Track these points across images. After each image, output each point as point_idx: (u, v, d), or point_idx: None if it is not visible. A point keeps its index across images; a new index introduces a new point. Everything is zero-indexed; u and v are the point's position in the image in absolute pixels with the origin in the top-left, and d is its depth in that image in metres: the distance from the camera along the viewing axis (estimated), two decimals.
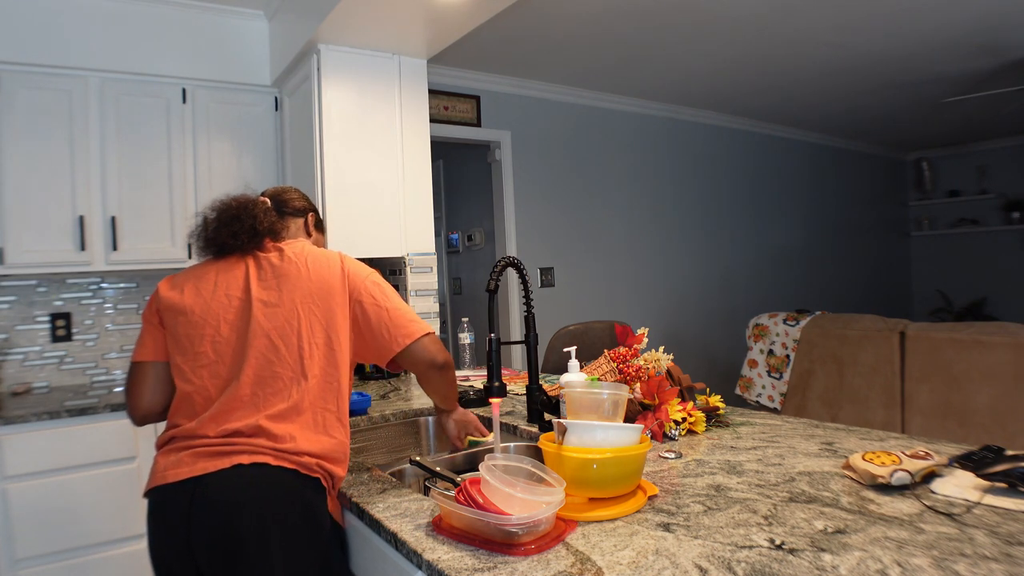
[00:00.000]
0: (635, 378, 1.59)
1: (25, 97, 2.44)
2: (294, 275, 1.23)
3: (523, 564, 0.84)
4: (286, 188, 1.49)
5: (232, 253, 1.26)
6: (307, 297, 1.21)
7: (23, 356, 2.71)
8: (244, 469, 1.06)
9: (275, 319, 1.18)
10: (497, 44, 3.47)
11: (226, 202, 1.30)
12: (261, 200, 1.36)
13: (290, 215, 1.42)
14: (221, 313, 1.20)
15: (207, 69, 2.79)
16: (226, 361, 1.17)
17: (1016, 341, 2.88)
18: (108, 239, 2.58)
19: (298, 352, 1.16)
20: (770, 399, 3.89)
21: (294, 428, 1.12)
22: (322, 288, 1.22)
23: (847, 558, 0.81)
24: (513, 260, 1.56)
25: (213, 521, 1.03)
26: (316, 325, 1.19)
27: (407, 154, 2.73)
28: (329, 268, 1.25)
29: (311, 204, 1.49)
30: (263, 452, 1.08)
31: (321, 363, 1.18)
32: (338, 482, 1.19)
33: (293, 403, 1.13)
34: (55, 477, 2.15)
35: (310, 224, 1.46)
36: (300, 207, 1.45)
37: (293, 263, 1.24)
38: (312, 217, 1.47)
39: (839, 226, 6.54)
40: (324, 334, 1.20)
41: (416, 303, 2.76)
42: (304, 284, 1.22)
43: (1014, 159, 6.69)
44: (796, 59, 3.96)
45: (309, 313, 1.20)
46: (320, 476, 1.13)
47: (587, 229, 4.50)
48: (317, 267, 1.25)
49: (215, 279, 1.24)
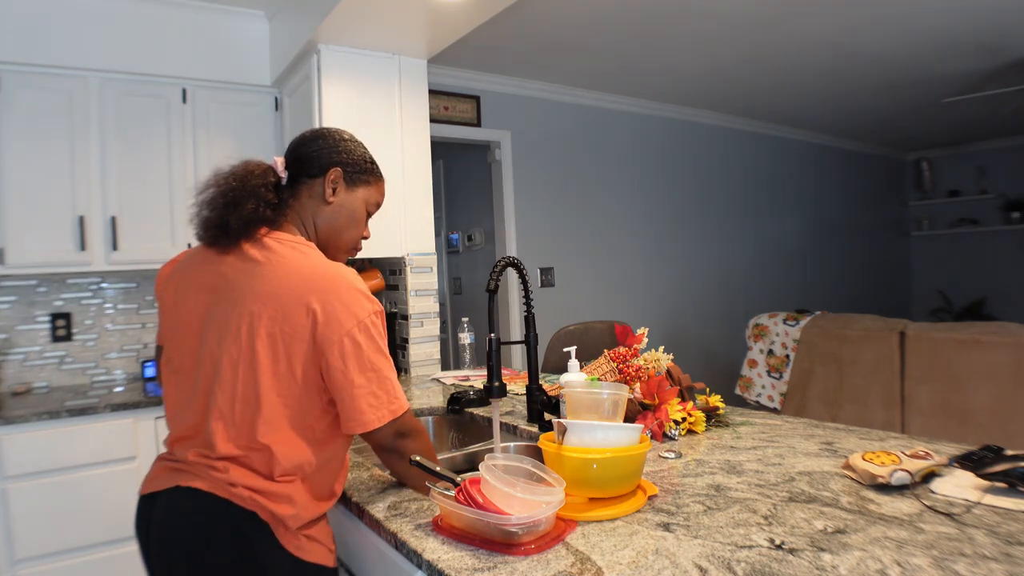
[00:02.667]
0: (635, 378, 1.59)
1: (25, 97, 2.44)
2: (260, 285, 1.01)
3: (523, 564, 0.84)
4: (314, 136, 1.18)
5: (217, 245, 1.08)
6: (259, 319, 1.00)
7: (23, 356, 2.71)
8: (181, 492, 0.99)
9: (226, 334, 1.01)
10: (497, 44, 3.47)
11: (225, 178, 1.10)
12: (266, 172, 1.13)
13: (305, 179, 1.15)
14: (190, 319, 1.07)
15: (207, 69, 2.79)
16: (188, 371, 1.06)
17: (1016, 341, 2.88)
18: (108, 239, 2.58)
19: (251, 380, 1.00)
20: (770, 399, 3.89)
21: (232, 458, 1.00)
22: (282, 309, 0.99)
23: (847, 558, 0.81)
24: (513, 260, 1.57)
25: (157, 544, 1.01)
26: (252, 355, 0.99)
27: (407, 154, 2.73)
28: (296, 293, 0.99)
29: (345, 152, 1.17)
30: (200, 477, 0.99)
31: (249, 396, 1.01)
32: (294, 521, 1.00)
33: (233, 431, 1.00)
34: (55, 477, 2.16)
35: (328, 184, 1.14)
36: (322, 163, 1.15)
37: (271, 270, 1.02)
38: (335, 173, 1.15)
39: (839, 226, 6.54)
40: (252, 368, 0.99)
41: (416, 303, 2.76)
42: (259, 299, 1.00)
43: (1014, 159, 6.69)
44: (796, 59, 3.96)
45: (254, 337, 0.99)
46: (257, 511, 0.98)
47: (587, 229, 4.50)
48: (288, 281, 1.01)
49: (196, 275, 1.09)
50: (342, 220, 1.17)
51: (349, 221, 1.18)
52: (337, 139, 1.19)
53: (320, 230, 1.17)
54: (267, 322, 0.99)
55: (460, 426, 1.93)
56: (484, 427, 1.83)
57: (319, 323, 0.98)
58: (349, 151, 1.18)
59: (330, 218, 1.16)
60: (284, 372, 0.99)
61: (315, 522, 1.06)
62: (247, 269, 1.04)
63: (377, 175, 1.23)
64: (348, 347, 0.99)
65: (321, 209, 1.16)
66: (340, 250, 1.20)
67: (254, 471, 0.99)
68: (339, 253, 1.21)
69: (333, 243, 1.18)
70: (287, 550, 1.00)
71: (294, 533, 1.01)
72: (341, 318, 0.99)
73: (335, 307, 0.99)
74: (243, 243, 1.06)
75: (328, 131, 1.20)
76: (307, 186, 1.15)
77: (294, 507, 1.00)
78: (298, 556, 1.01)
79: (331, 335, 0.99)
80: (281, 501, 0.99)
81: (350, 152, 1.18)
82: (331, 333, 0.99)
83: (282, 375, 0.99)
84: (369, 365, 1.01)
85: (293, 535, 1.01)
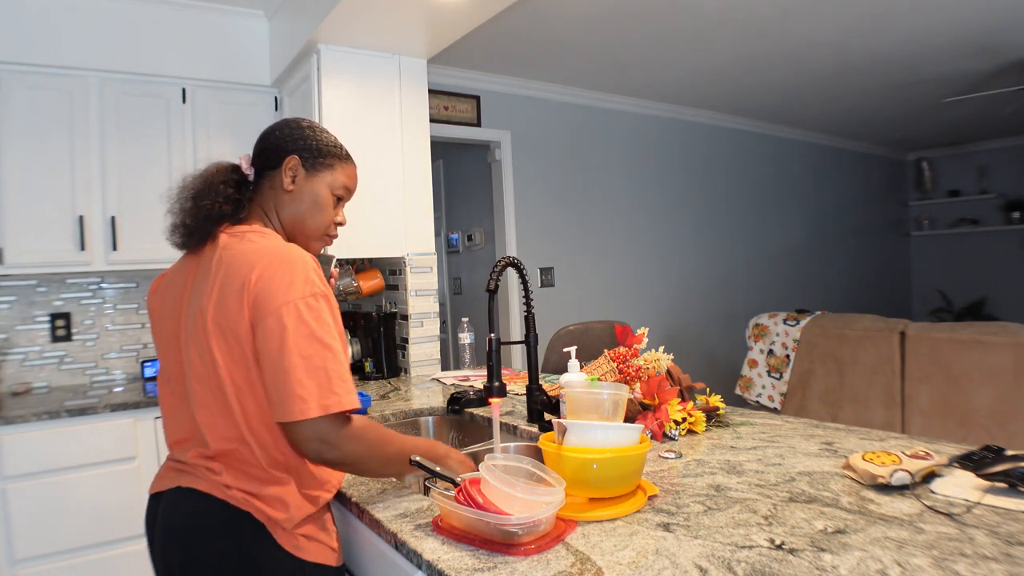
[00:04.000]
0: (635, 378, 1.59)
1: (25, 97, 2.44)
2: (209, 280, 1.01)
3: (523, 564, 0.84)
4: (272, 128, 1.17)
5: (186, 247, 1.10)
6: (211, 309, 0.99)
7: (23, 356, 2.71)
8: (182, 493, 1.01)
9: (191, 333, 1.02)
10: (497, 44, 3.47)
11: (192, 182, 1.11)
12: (228, 170, 1.14)
13: (267, 171, 1.14)
14: (172, 326, 1.08)
15: (207, 69, 2.79)
16: (176, 378, 1.07)
17: (1016, 341, 2.88)
18: (108, 239, 2.58)
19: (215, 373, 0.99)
20: (770, 399, 3.89)
21: (223, 456, 1.00)
22: (222, 298, 0.98)
23: (847, 558, 0.81)
24: (513, 260, 1.56)
25: (160, 544, 1.04)
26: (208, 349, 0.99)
27: (407, 154, 2.73)
28: (237, 276, 0.98)
29: (302, 139, 1.15)
30: (199, 478, 1.00)
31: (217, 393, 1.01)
32: (289, 523, 1.00)
33: (218, 428, 1.00)
34: (55, 477, 2.15)
35: (287, 172, 1.13)
36: (280, 152, 1.14)
37: (218, 263, 1.02)
38: (292, 161, 1.13)
39: (839, 226, 6.54)
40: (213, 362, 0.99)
41: (416, 303, 2.76)
42: (207, 293, 1.00)
43: (1014, 159, 6.69)
44: (796, 59, 3.96)
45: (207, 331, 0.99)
46: (252, 512, 0.98)
47: (587, 229, 4.50)
48: (228, 270, 1.00)
49: (176, 284, 1.10)
50: (305, 207, 1.15)
51: (312, 207, 1.16)
52: (295, 127, 1.16)
53: (284, 220, 1.15)
54: (212, 312, 0.98)
55: (460, 426, 1.93)
56: (484, 427, 1.83)
57: (250, 303, 0.95)
58: (306, 138, 1.15)
59: (291, 206, 1.14)
60: (239, 358, 0.97)
61: (313, 520, 1.05)
62: (204, 266, 1.05)
63: (340, 158, 1.18)
64: (273, 325, 0.93)
65: (282, 198, 1.14)
66: (310, 238, 1.18)
67: (246, 471, 0.99)
68: (310, 241, 1.18)
69: (300, 231, 1.16)
70: (285, 550, 1.00)
71: (290, 533, 1.01)
72: (273, 293, 0.94)
73: (267, 284, 0.95)
74: (207, 242, 1.07)
75: (288, 121, 1.18)
76: (268, 178, 1.14)
77: (287, 510, 1.00)
78: (297, 556, 1.01)
79: (261, 310, 0.94)
80: (275, 504, 0.99)
81: (307, 139, 1.15)
82: (261, 308, 0.94)
83: (239, 361, 0.97)
84: (297, 349, 0.92)
85: (290, 535, 1.01)
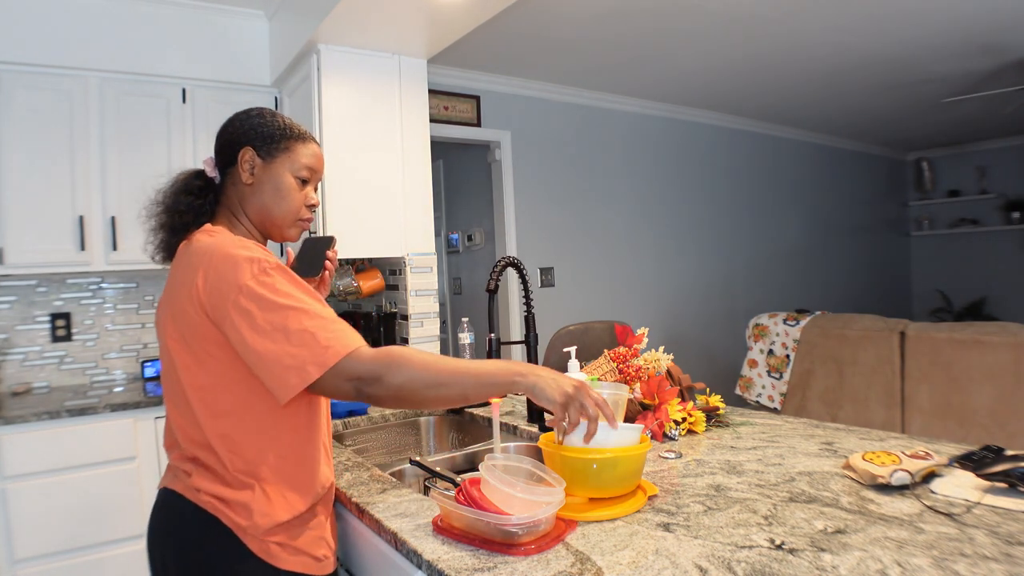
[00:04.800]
0: (635, 378, 1.59)
1: (25, 97, 2.44)
2: (167, 287, 1.04)
3: (523, 564, 0.84)
4: (223, 126, 1.15)
5: (165, 263, 1.12)
6: (169, 313, 1.02)
7: (23, 356, 2.71)
8: (166, 493, 1.05)
9: (160, 339, 1.05)
10: (497, 44, 3.47)
11: (160, 199, 1.11)
12: (189, 177, 1.14)
13: (228, 168, 1.12)
14: (158, 330, 1.09)
15: (207, 69, 2.79)
16: (166, 380, 1.08)
17: (1016, 341, 2.88)
18: (108, 239, 2.58)
19: (172, 378, 1.02)
20: (770, 399, 3.89)
21: (195, 458, 1.02)
22: (176, 302, 1.00)
23: (847, 558, 0.81)
24: (513, 260, 1.56)
25: (147, 541, 1.09)
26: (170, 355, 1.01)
27: (407, 154, 2.73)
28: (186, 281, 0.98)
29: (252, 128, 1.11)
30: (178, 479, 1.04)
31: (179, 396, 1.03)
32: (254, 530, 0.97)
33: (189, 430, 1.02)
34: (55, 477, 2.15)
35: (243, 166, 1.10)
36: (235, 146, 1.11)
37: (173, 268, 1.05)
38: (247, 153, 1.09)
39: (839, 226, 6.54)
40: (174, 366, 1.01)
41: (416, 303, 2.76)
42: (166, 300, 1.03)
43: (1014, 159, 6.69)
44: (796, 59, 3.95)
45: (166, 335, 1.02)
46: (220, 517, 0.98)
47: (587, 229, 4.50)
48: (181, 274, 1.01)
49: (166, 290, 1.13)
50: (267, 196, 1.11)
51: (275, 195, 1.11)
52: (244, 118, 1.13)
53: (250, 214, 1.13)
54: (170, 317, 1.00)
55: (460, 426, 1.93)
56: (484, 427, 1.83)
57: (205, 304, 0.95)
58: (256, 126, 1.11)
59: (255, 199, 1.11)
60: (202, 358, 0.97)
61: (287, 529, 1.01)
62: (168, 276, 1.07)
63: (295, 138, 1.13)
64: (237, 319, 0.93)
65: (244, 193, 1.12)
66: (281, 227, 1.14)
67: (214, 473, 1.00)
68: (283, 230, 1.15)
69: (269, 221, 1.13)
70: (257, 556, 0.98)
71: (260, 540, 0.98)
72: (222, 290, 0.94)
73: (213, 282, 0.95)
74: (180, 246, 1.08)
75: (238, 114, 1.15)
76: (229, 175, 1.12)
77: (250, 517, 0.97)
78: (269, 563, 0.98)
79: (220, 313, 0.94)
80: (238, 510, 0.98)
81: (257, 127, 1.11)
82: (219, 311, 0.94)
83: (201, 362, 0.98)
84: (269, 326, 0.92)
85: (259, 541, 0.98)
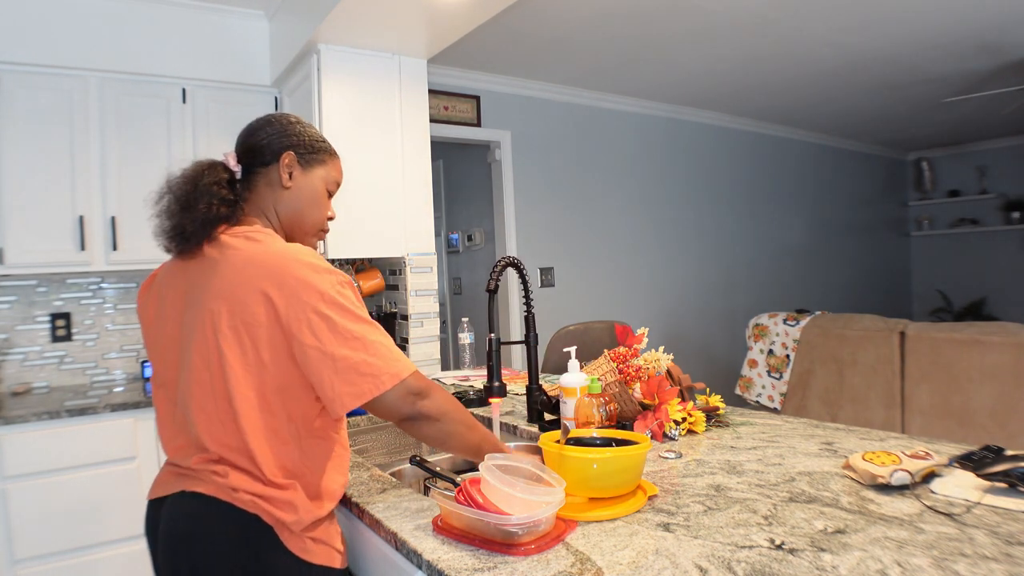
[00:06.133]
0: (635, 378, 1.59)
1: (25, 97, 2.44)
2: (217, 282, 1.00)
3: (523, 564, 0.84)
4: (261, 124, 1.15)
5: (181, 252, 1.07)
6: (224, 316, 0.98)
7: (23, 356, 2.71)
8: (186, 497, 0.99)
9: (194, 337, 1.01)
10: (497, 44, 3.47)
11: (178, 184, 1.08)
12: (217, 168, 1.11)
13: (259, 168, 1.13)
14: (170, 331, 1.07)
15: (207, 69, 2.79)
16: (172, 383, 1.06)
17: (1016, 341, 2.88)
18: (108, 239, 2.58)
19: (222, 378, 0.98)
20: (770, 399, 3.89)
21: (227, 460, 0.99)
22: (238, 304, 0.97)
23: (847, 558, 0.81)
24: (513, 260, 1.56)
25: (163, 549, 1.01)
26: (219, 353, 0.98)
27: (407, 154, 2.73)
28: (254, 284, 0.97)
29: (295, 134, 1.14)
30: (203, 481, 0.99)
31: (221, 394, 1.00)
32: (297, 526, 0.99)
33: (218, 432, 0.99)
34: (55, 477, 2.15)
35: (284, 169, 1.12)
36: (274, 148, 1.12)
37: (228, 266, 1.01)
38: (289, 157, 1.12)
39: (839, 226, 6.54)
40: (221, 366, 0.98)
41: (416, 303, 2.76)
42: (218, 297, 0.99)
43: (1014, 159, 6.69)
44: (796, 59, 3.95)
45: (217, 334, 0.98)
46: (261, 515, 0.98)
47: (587, 229, 4.50)
48: (240, 276, 0.99)
49: (170, 287, 1.09)
50: (303, 203, 1.15)
51: (311, 203, 1.16)
52: (285, 123, 1.16)
53: (283, 216, 1.15)
54: (227, 316, 0.98)
55: None
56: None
57: (279, 307, 0.95)
58: (299, 133, 1.15)
59: (291, 203, 1.14)
60: (254, 364, 0.97)
61: (320, 523, 1.04)
62: (206, 269, 1.03)
63: (331, 153, 1.20)
64: (317, 322, 0.95)
65: (280, 195, 1.14)
66: (307, 233, 1.18)
67: (250, 474, 0.98)
68: (306, 237, 1.18)
69: (298, 227, 1.17)
70: (293, 553, 0.99)
71: (299, 536, 1.00)
72: (302, 295, 0.96)
73: (292, 286, 0.96)
74: (204, 245, 1.05)
75: (276, 116, 1.17)
76: (262, 175, 1.13)
77: (296, 512, 0.99)
78: (303, 558, 1.00)
79: (296, 315, 0.95)
80: (283, 507, 0.98)
81: (300, 134, 1.15)
82: (296, 313, 0.95)
83: (252, 367, 0.97)
84: (349, 334, 0.96)
85: (298, 538, 1.00)
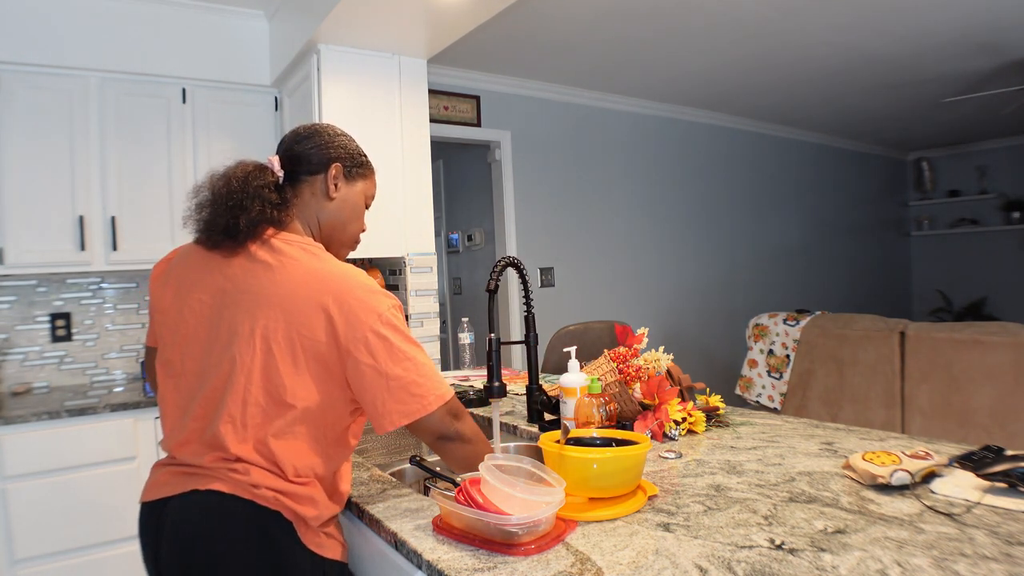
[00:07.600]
0: (635, 378, 1.59)
1: (25, 97, 2.44)
2: (270, 289, 1.01)
3: (523, 564, 0.84)
4: (309, 133, 1.17)
5: (221, 247, 1.06)
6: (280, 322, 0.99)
7: (23, 356, 2.71)
8: (198, 495, 0.98)
9: (237, 338, 1.01)
10: (497, 44, 3.47)
11: (224, 181, 1.09)
12: (264, 172, 1.12)
13: (305, 176, 1.14)
14: (194, 322, 1.06)
15: (207, 69, 2.79)
16: (190, 375, 1.05)
17: (1016, 341, 2.88)
18: (108, 239, 2.58)
19: (261, 387, 0.99)
20: (770, 399, 3.89)
21: (247, 460, 0.99)
22: (297, 315, 0.99)
23: (847, 558, 0.81)
24: (513, 260, 1.56)
25: (172, 549, 0.99)
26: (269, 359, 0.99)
27: (407, 154, 2.73)
28: (311, 298, 0.99)
29: (341, 147, 1.17)
30: (219, 479, 0.98)
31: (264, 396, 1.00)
32: (316, 521, 1.02)
33: (243, 434, 0.99)
34: (55, 477, 2.15)
35: (331, 180, 1.15)
36: (321, 159, 1.15)
37: (285, 275, 1.02)
38: (336, 168, 1.15)
39: (839, 226, 6.54)
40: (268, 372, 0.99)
41: (416, 303, 2.76)
42: (271, 306, 1.00)
43: (1014, 159, 6.69)
44: (796, 59, 3.95)
45: (271, 343, 0.99)
46: (282, 511, 0.99)
47: (587, 229, 4.50)
48: (302, 291, 1.00)
49: (199, 278, 1.08)
50: (346, 215, 1.18)
51: (352, 215, 1.20)
52: (332, 135, 1.19)
53: (324, 226, 1.17)
54: (284, 326, 0.99)
55: None
56: (484, 427, 1.82)
57: (338, 324, 0.98)
58: (344, 146, 1.19)
59: (334, 214, 1.17)
60: (304, 375, 1.00)
61: (331, 519, 1.08)
62: (257, 271, 1.04)
63: (370, 167, 1.24)
64: (375, 342, 0.99)
65: (325, 205, 1.16)
66: (344, 245, 1.21)
67: (270, 472, 0.99)
68: (342, 248, 1.21)
69: (337, 238, 1.19)
70: (308, 548, 1.01)
71: (315, 531, 1.02)
72: (361, 316, 0.99)
73: (352, 306, 0.99)
74: (249, 245, 1.06)
75: (322, 127, 1.20)
76: (308, 183, 1.15)
77: (317, 508, 1.01)
78: (317, 553, 1.02)
79: (355, 334, 0.98)
80: (304, 502, 1.00)
81: (345, 147, 1.19)
82: (354, 332, 0.98)
83: (302, 378, 0.99)
84: (403, 355, 1.00)
85: (314, 533, 1.02)
